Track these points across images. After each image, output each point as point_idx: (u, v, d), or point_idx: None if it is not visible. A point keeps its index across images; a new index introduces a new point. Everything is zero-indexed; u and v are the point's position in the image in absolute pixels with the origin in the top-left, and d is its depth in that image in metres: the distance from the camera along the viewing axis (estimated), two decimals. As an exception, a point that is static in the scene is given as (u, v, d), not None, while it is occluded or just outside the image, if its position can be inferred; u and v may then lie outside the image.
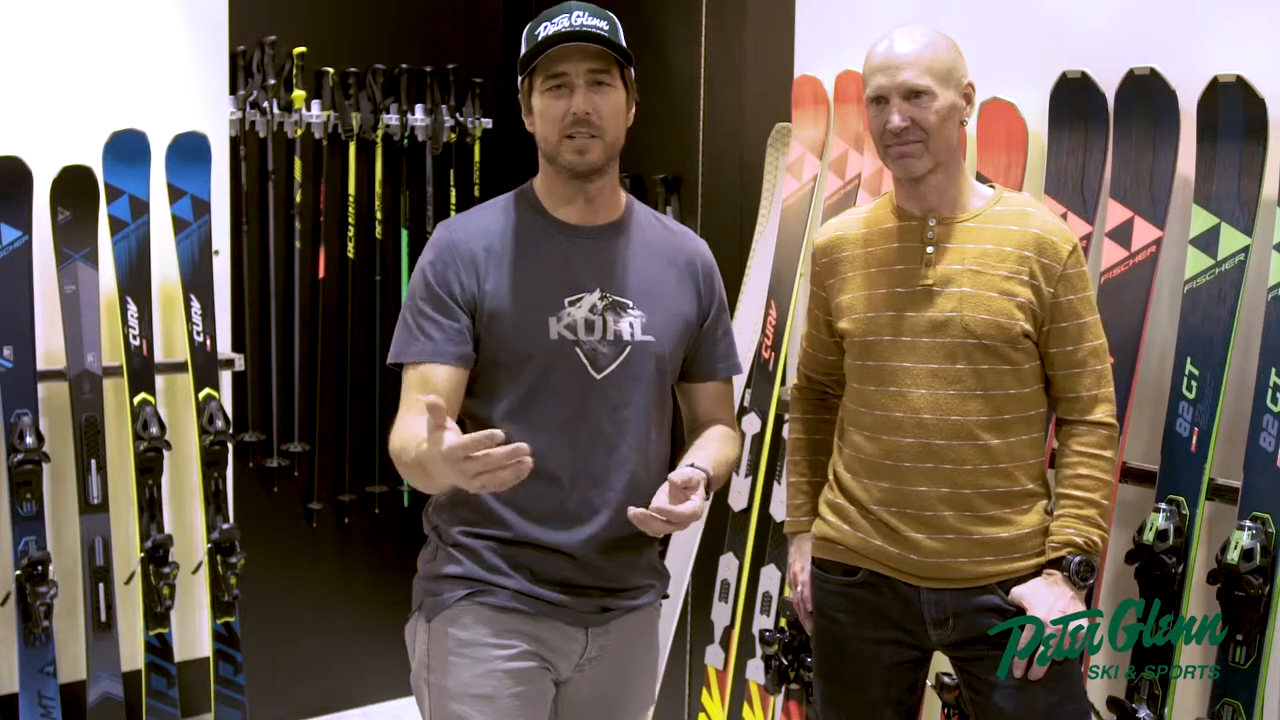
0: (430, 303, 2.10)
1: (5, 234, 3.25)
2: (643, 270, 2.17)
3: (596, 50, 2.07)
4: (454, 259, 2.11)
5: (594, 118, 2.07)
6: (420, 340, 2.09)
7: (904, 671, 2.33)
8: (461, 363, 2.09)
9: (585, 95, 2.07)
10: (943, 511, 2.21)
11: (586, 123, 2.07)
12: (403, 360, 2.11)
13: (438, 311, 2.10)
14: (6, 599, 3.28)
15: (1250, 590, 2.31)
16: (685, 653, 3.69)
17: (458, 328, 2.09)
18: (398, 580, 2.32)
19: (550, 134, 2.10)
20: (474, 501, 2.13)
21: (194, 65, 3.61)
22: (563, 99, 2.07)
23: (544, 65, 2.08)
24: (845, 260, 2.32)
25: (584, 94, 2.07)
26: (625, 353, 2.13)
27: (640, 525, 1.97)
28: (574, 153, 2.09)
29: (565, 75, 2.07)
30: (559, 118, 2.08)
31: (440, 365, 2.08)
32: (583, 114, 2.06)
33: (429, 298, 2.11)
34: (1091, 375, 2.23)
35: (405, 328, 2.12)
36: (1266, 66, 2.38)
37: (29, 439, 3.24)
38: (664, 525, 1.98)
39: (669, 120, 3.71)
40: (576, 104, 2.06)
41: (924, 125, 2.16)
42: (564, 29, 2.06)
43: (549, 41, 2.06)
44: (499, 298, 2.10)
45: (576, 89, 2.07)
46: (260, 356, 3.97)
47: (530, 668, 2.13)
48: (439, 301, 2.10)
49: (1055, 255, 2.20)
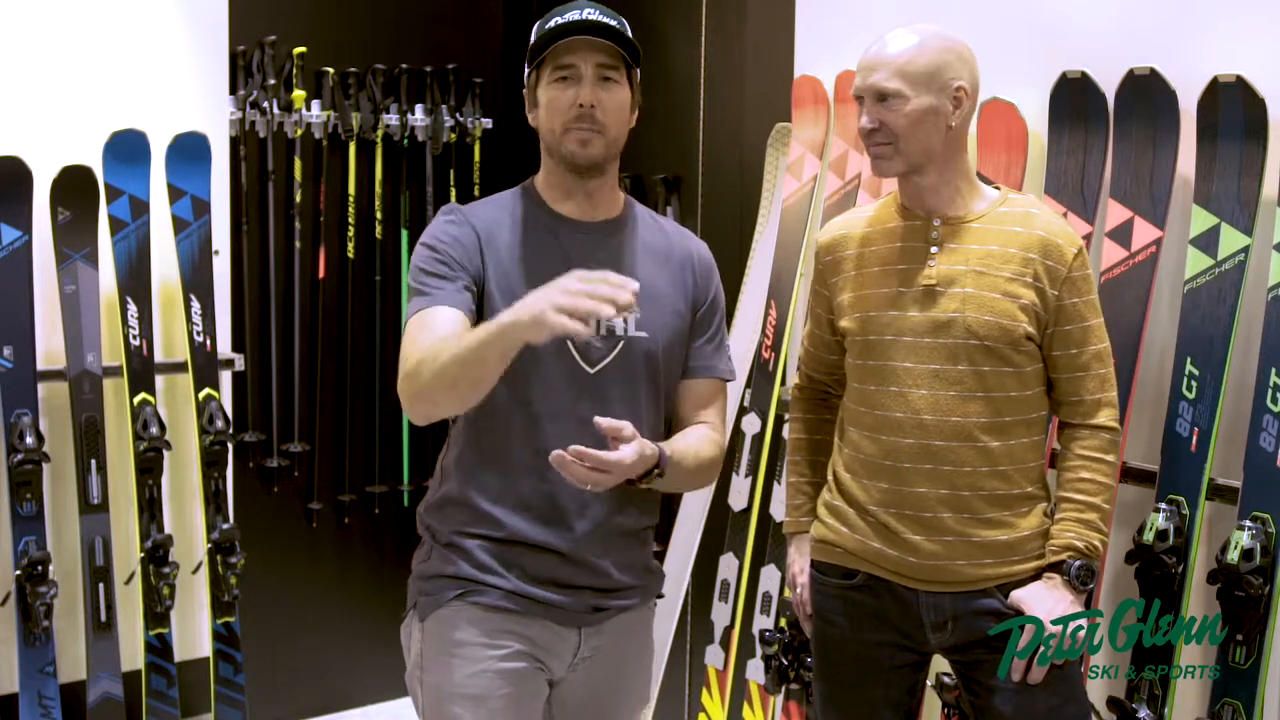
0: (440, 260, 2.08)
1: (5, 234, 3.25)
2: (639, 267, 2.16)
3: (606, 45, 2.07)
4: (463, 230, 2.10)
5: (598, 112, 2.07)
6: (434, 292, 2.06)
7: (903, 674, 2.32)
8: (469, 312, 2.06)
9: (592, 88, 2.07)
10: (942, 513, 2.20)
11: (590, 116, 2.07)
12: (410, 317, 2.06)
13: (445, 268, 2.07)
14: (6, 599, 3.28)
15: (1250, 590, 2.31)
16: (685, 653, 3.69)
17: (465, 283, 2.07)
18: (397, 580, 2.31)
19: (554, 124, 2.09)
20: (466, 501, 2.13)
21: (194, 65, 3.61)
22: (569, 89, 2.07)
23: (553, 56, 2.08)
24: (848, 259, 2.32)
25: (591, 86, 2.07)
26: (618, 348, 2.12)
27: (558, 467, 1.91)
28: (576, 143, 2.08)
29: (574, 67, 2.07)
30: (565, 108, 2.07)
31: (449, 308, 2.04)
32: (588, 105, 2.06)
33: (437, 256, 2.08)
34: (1095, 379, 2.22)
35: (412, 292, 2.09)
36: (1266, 66, 2.38)
37: (29, 439, 3.24)
38: (584, 472, 1.91)
39: (669, 120, 3.71)
40: (583, 95, 2.06)
41: (892, 128, 2.16)
42: (575, 20, 2.06)
43: (559, 31, 2.06)
44: (498, 286, 2.09)
45: (584, 80, 2.07)
46: (260, 356, 3.97)
47: (523, 668, 2.13)
48: (447, 261, 2.07)
49: (1060, 258, 2.18)
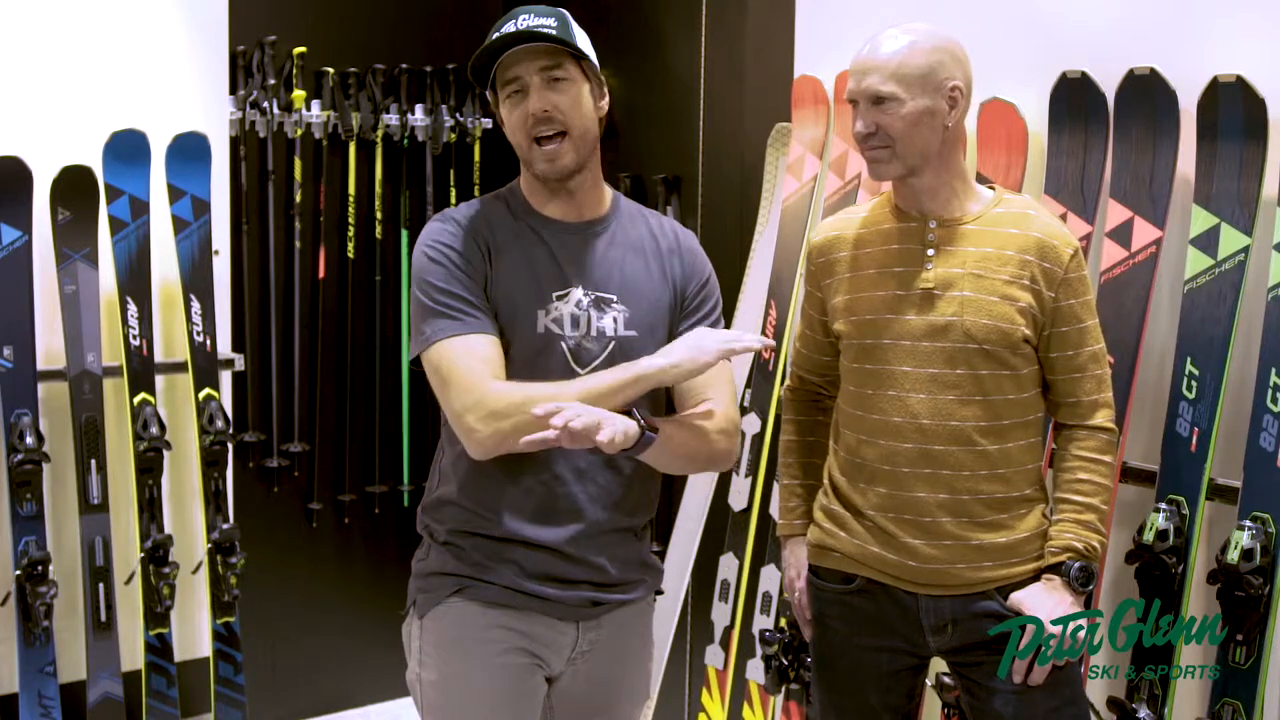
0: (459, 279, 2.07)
1: (5, 234, 3.25)
2: (626, 265, 2.17)
3: (544, 48, 2.07)
4: (467, 240, 2.10)
5: (554, 114, 2.07)
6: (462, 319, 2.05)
7: (902, 678, 2.31)
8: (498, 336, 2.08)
9: (540, 94, 2.07)
10: (941, 518, 2.19)
11: (548, 120, 2.07)
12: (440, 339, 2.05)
13: (465, 289, 2.07)
14: (6, 599, 3.28)
15: (1250, 590, 2.31)
16: (685, 653, 3.69)
17: (485, 303, 2.07)
18: (397, 580, 2.31)
19: (520, 140, 2.10)
20: (463, 501, 2.14)
21: (194, 65, 3.61)
22: (522, 103, 2.08)
23: (500, 73, 2.09)
24: (842, 261, 2.30)
25: (539, 93, 2.07)
26: (609, 349, 2.12)
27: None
28: (545, 161, 2.09)
29: (519, 79, 2.08)
30: (522, 122, 2.08)
31: (491, 337, 2.06)
32: (540, 113, 2.06)
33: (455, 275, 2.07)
34: (1092, 380, 2.21)
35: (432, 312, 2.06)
36: (1266, 66, 2.38)
37: (29, 439, 3.24)
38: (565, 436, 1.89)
39: (669, 120, 3.71)
40: (532, 104, 2.07)
41: (889, 131, 2.15)
42: (508, 33, 2.06)
43: (492, 49, 2.07)
44: (500, 287, 2.10)
45: (531, 90, 2.07)
46: (260, 356, 3.97)
47: (521, 663, 2.14)
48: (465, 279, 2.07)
49: (1057, 259, 2.18)
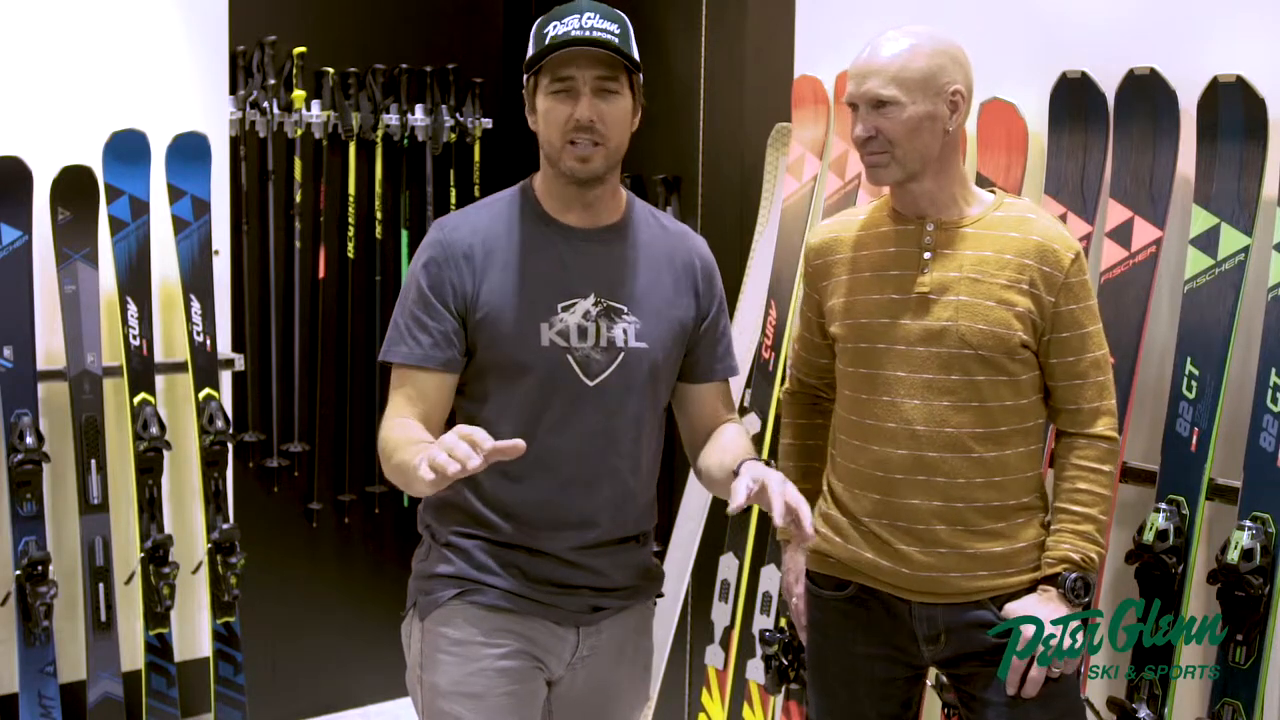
0: (421, 305, 2.09)
1: (5, 234, 3.25)
2: (640, 275, 2.14)
3: (605, 56, 2.03)
4: (448, 260, 2.09)
5: (598, 125, 2.03)
6: (409, 343, 2.09)
7: (897, 687, 2.28)
8: (448, 368, 2.09)
9: (590, 102, 2.03)
10: (935, 526, 2.16)
11: (590, 129, 2.03)
12: (390, 360, 2.11)
13: (427, 314, 2.08)
14: (6, 599, 3.28)
15: (1250, 590, 2.31)
16: (685, 653, 3.69)
17: (445, 331, 2.08)
18: (397, 580, 2.31)
19: (554, 137, 2.06)
20: (465, 504, 2.13)
21: (194, 65, 3.61)
22: (567, 104, 2.03)
23: (550, 67, 2.04)
24: (839, 263, 2.27)
25: (589, 101, 2.03)
26: (618, 360, 2.11)
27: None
28: (576, 160, 2.05)
29: (572, 80, 2.03)
30: (562, 122, 2.04)
31: (426, 371, 2.08)
32: (586, 121, 2.03)
33: (419, 300, 2.09)
34: (1093, 387, 2.17)
35: (396, 327, 2.12)
36: (1266, 66, 2.38)
37: (29, 439, 3.24)
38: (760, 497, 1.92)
39: (669, 120, 3.71)
40: (581, 111, 2.03)
41: (889, 135, 2.12)
42: (574, 31, 2.02)
43: (556, 44, 2.02)
44: (491, 301, 2.08)
45: (582, 95, 2.03)
46: (260, 356, 3.97)
47: (521, 666, 2.13)
48: (429, 304, 2.08)
49: (1057, 263, 2.14)
